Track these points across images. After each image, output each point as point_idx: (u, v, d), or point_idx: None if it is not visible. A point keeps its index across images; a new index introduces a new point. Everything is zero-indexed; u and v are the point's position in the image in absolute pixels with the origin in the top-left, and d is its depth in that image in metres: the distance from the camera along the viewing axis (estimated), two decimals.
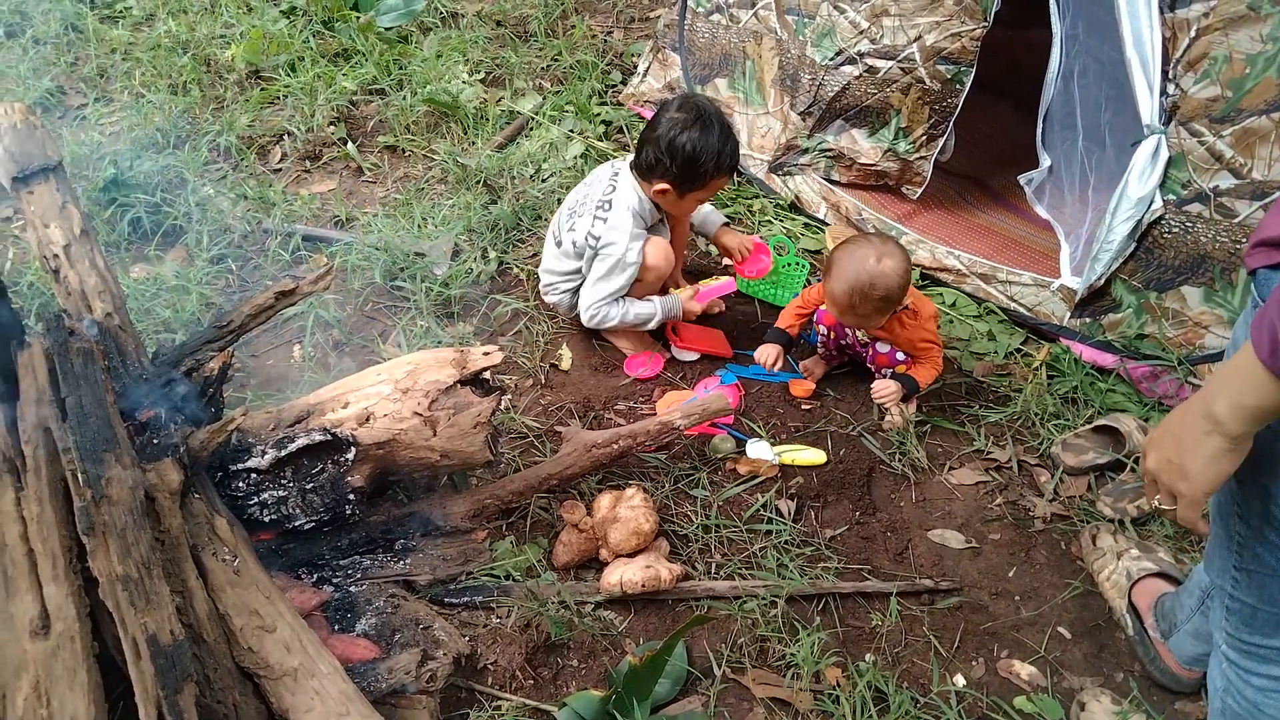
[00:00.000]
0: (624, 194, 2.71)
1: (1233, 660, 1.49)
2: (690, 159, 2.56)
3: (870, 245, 2.47)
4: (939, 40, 2.89)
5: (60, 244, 2.20)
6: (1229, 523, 1.38)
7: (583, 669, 2.07)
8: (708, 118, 2.58)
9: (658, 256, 2.71)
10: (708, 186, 2.66)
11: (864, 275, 2.42)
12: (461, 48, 4.17)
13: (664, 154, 2.56)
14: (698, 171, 2.59)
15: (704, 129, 2.56)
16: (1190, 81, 2.37)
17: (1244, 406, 1.15)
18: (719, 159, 2.58)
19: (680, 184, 2.62)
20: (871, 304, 2.46)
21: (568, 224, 2.80)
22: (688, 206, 2.77)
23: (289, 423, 2.09)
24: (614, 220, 2.68)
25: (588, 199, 2.78)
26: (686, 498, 2.45)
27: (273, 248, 3.15)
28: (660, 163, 2.59)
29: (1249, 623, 1.43)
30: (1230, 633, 1.47)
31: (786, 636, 2.12)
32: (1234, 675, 1.49)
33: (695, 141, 2.54)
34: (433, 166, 3.60)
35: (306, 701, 1.58)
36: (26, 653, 1.44)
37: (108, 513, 1.57)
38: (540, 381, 2.78)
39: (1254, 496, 1.31)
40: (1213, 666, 1.56)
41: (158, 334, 2.80)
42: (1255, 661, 1.45)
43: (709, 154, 2.56)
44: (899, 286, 2.44)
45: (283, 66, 4.03)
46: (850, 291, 2.45)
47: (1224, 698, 1.52)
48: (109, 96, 3.92)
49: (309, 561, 2.13)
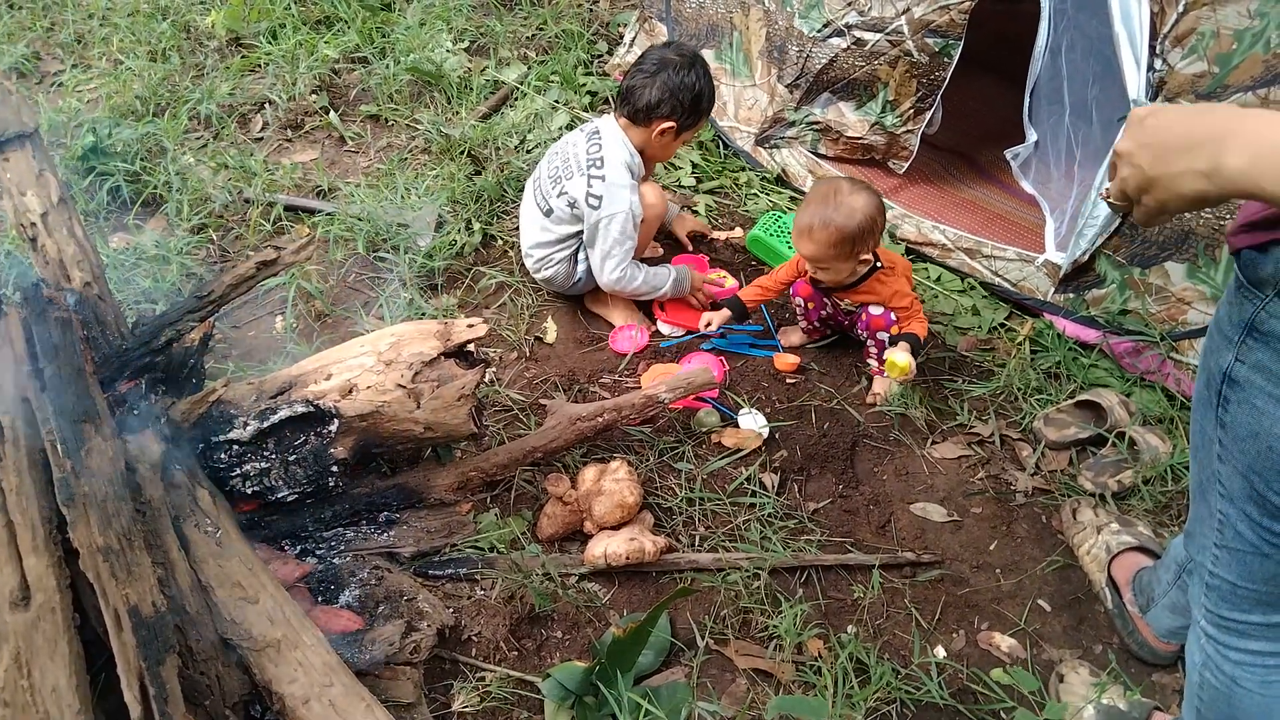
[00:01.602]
0: (613, 149, 2.72)
1: (1211, 635, 1.50)
2: (697, 97, 2.68)
3: (847, 182, 2.50)
4: (927, 13, 2.87)
5: (37, 212, 2.17)
6: (1210, 499, 1.39)
7: (567, 640, 2.08)
8: (699, 59, 2.74)
9: (653, 196, 2.80)
10: (700, 123, 2.78)
11: (827, 204, 2.43)
12: (445, 16, 4.12)
13: (672, 93, 2.66)
14: (700, 109, 2.72)
15: (704, 69, 2.72)
16: (1177, 57, 2.36)
17: (1255, 180, 0.98)
18: (712, 97, 2.75)
19: (683, 120, 2.71)
20: (828, 233, 2.42)
21: (554, 189, 2.78)
22: (671, 149, 2.83)
23: (271, 394, 2.07)
24: (612, 176, 2.69)
25: (571, 160, 2.77)
26: (671, 471, 2.45)
27: (254, 217, 3.12)
28: (664, 102, 2.66)
29: (1228, 599, 1.44)
30: (1209, 609, 1.48)
31: (769, 608, 2.13)
32: (1212, 650, 1.51)
33: (701, 79, 2.69)
34: (416, 136, 3.57)
35: (290, 673, 1.58)
36: (7, 624, 1.43)
37: (88, 484, 1.55)
38: (525, 354, 2.77)
39: (1236, 474, 1.32)
40: (1191, 642, 1.58)
41: (138, 304, 2.77)
42: (1234, 636, 1.47)
43: (708, 91, 2.72)
44: (860, 225, 2.42)
45: (264, 33, 3.97)
46: (811, 216, 2.44)
47: (1202, 672, 1.54)
48: (87, 63, 3.86)
49: (292, 533, 2.12)
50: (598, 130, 2.78)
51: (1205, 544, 1.43)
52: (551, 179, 2.80)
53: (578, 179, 2.71)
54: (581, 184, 2.70)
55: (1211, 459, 1.35)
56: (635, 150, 2.75)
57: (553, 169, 2.81)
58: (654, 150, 2.79)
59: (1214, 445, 1.35)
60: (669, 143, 2.76)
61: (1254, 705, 1.48)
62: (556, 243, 2.81)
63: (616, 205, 2.67)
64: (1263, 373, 1.21)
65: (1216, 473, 1.36)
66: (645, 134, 2.72)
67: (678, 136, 2.74)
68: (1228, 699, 1.50)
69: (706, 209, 3.37)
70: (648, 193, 2.79)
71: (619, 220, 2.68)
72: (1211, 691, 1.53)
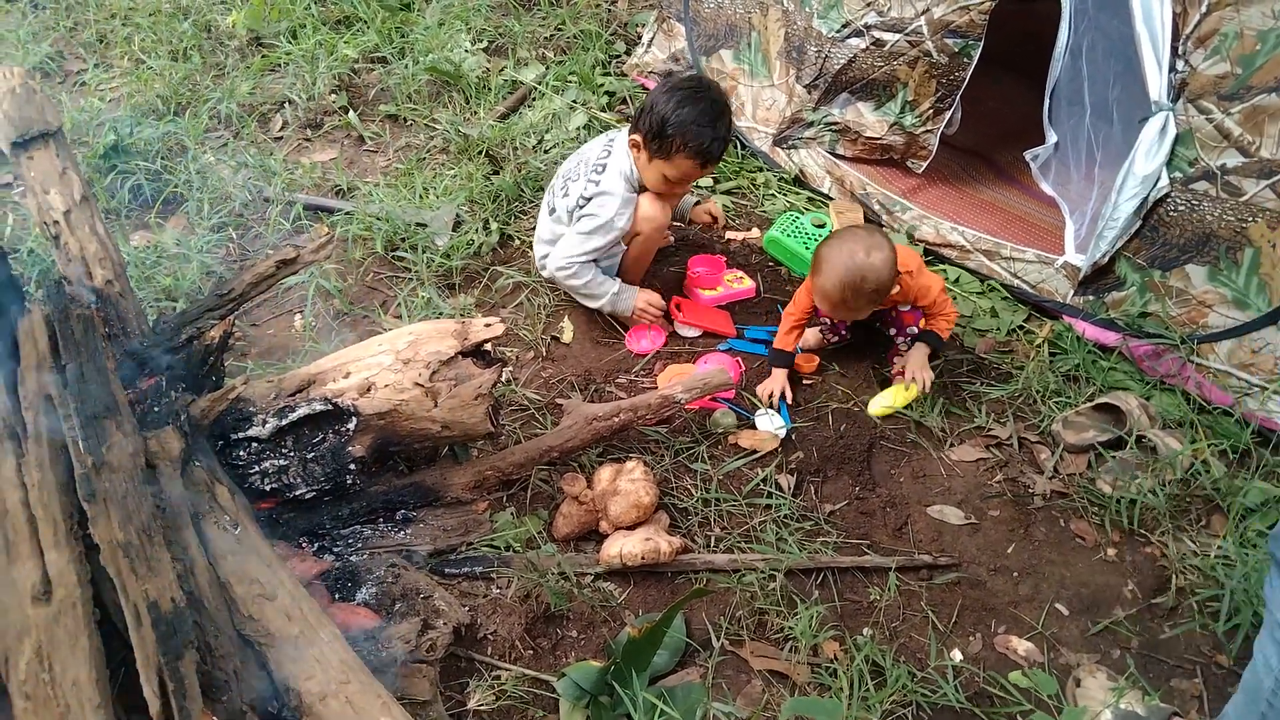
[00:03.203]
0: (617, 159, 2.70)
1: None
2: (662, 118, 2.52)
3: (856, 239, 2.46)
4: (947, 13, 2.86)
5: (60, 210, 2.19)
6: None
7: (582, 640, 2.08)
8: (702, 92, 2.56)
9: (652, 209, 2.71)
10: (672, 161, 2.58)
11: (854, 270, 2.41)
12: (464, 16, 4.13)
13: (646, 107, 2.59)
14: (666, 135, 2.53)
15: (692, 101, 2.53)
16: (1200, 58, 2.34)
17: None
18: (686, 132, 2.51)
19: (649, 142, 2.59)
20: (864, 298, 2.45)
21: (561, 191, 2.78)
22: (655, 177, 2.66)
23: (290, 392, 2.09)
24: (606, 183, 2.67)
25: (582, 164, 2.77)
26: (687, 471, 2.45)
27: (274, 216, 3.14)
28: (641, 114, 2.61)
29: None
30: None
31: (785, 610, 2.13)
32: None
33: (674, 106, 2.51)
34: (434, 136, 3.58)
35: (307, 669, 1.59)
36: (28, 618, 1.45)
37: (109, 479, 1.57)
38: (541, 354, 2.77)
39: None
40: (1266, 645, 1.51)
41: (158, 302, 2.79)
42: None
43: (680, 123, 2.51)
44: (889, 277, 2.43)
45: (284, 33, 3.99)
46: (842, 287, 2.44)
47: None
48: (109, 62, 3.89)
49: (310, 530, 2.13)
50: (613, 140, 2.78)
51: None
52: (564, 179, 2.81)
53: (580, 181, 2.72)
54: (580, 186, 2.71)
55: None
56: (631, 159, 2.70)
57: (569, 170, 2.82)
58: (639, 167, 2.68)
59: None
60: (645, 164, 2.64)
61: None
62: (555, 241, 2.82)
63: (599, 208, 2.66)
64: None
65: None
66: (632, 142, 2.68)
67: (650, 160, 2.61)
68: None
69: (724, 209, 3.36)
70: (645, 204, 2.70)
71: (595, 219, 2.67)
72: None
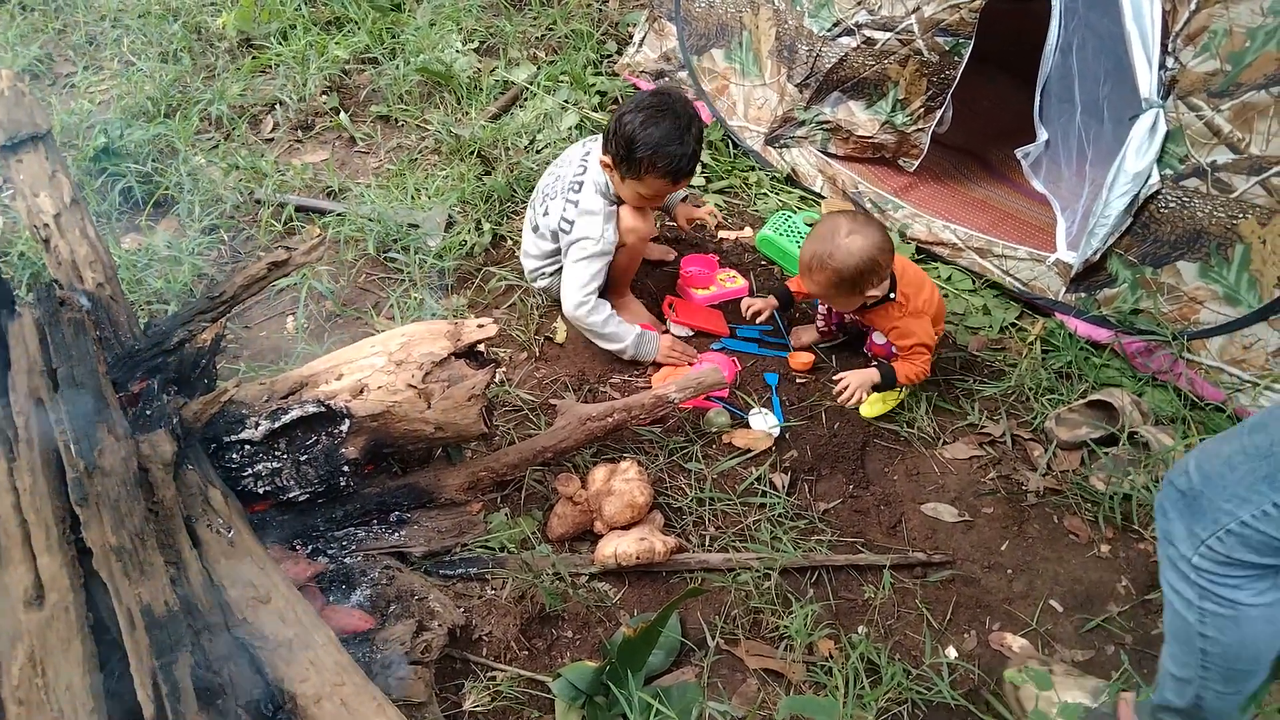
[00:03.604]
0: (593, 174, 2.68)
1: (1206, 570, 1.48)
2: (629, 140, 2.48)
3: (849, 220, 2.44)
4: (937, 12, 2.87)
5: (50, 213, 2.18)
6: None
7: (577, 640, 2.08)
8: (665, 109, 2.50)
9: (634, 220, 2.67)
10: (644, 180, 2.55)
11: (826, 243, 2.41)
12: (455, 16, 4.12)
13: (613, 129, 2.53)
14: (635, 158, 2.49)
15: (656, 120, 2.48)
16: (1189, 55, 2.35)
17: None
18: (655, 153, 2.47)
19: (619, 164, 2.55)
20: (826, 274, 2.41)
21: (541, 208, 2.77)
22: (630, 195, 2.63)
23: (283, 394, 2.08)
24: (585, 203, 2.64)
25: (559, 180, 2.75)
26: (681, 471, 2.45)
27: (265, 218, 3.13)
28: (608, 136, 2.56)
29: (1253, 546, 1.43)
30: (1220, 551, 1.46)
31: (780, 608, 2.13)
32: (1207, 581, 1.49)
33: (639, 126, 2.47)
34: (426, 137, 3.57)
35: (302, 672, 1.58)
36: (21, 623, 1.44)
37: (101, 484, 1.56)
38: (535, 354, 2.77)
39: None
40: (1176, 581, 1.54)
41: (150, 304, 2.78)
42: (1233, 567, 1.47)
43: (647, 144, 2.47)
44: (856, 267, 2.38)
45: (274, 34, 3.98)
46: (811, 255, 2.44)
47: (1202, 604, 1.51)
48: (98, 64, 3.88)
49: (303, 533, 2.13)
50: (588, 153, 2.74)
51: (1255, 495, 1.41)
52: (543, 195, 2.79)
53: (559, 200, 2.70)
54: (559, 207, 2.69)
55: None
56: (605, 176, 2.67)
57: (546, 185, 2.80)
58: (615, 187, 2.66)
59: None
60: (619, 183, 2.61)
61: (1260, 615, 1.49)
62: (543, 258, 2.82)
63: (583, 231, 2.63)
64: None
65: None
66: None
67: (623, 178, 2.58)
68: (1235, 621, 1.50)
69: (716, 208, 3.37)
70: (625, 216, 2.66)
71: (585, 247, 2.63)
72: (1217, 619, 1.52)
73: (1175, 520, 1.51)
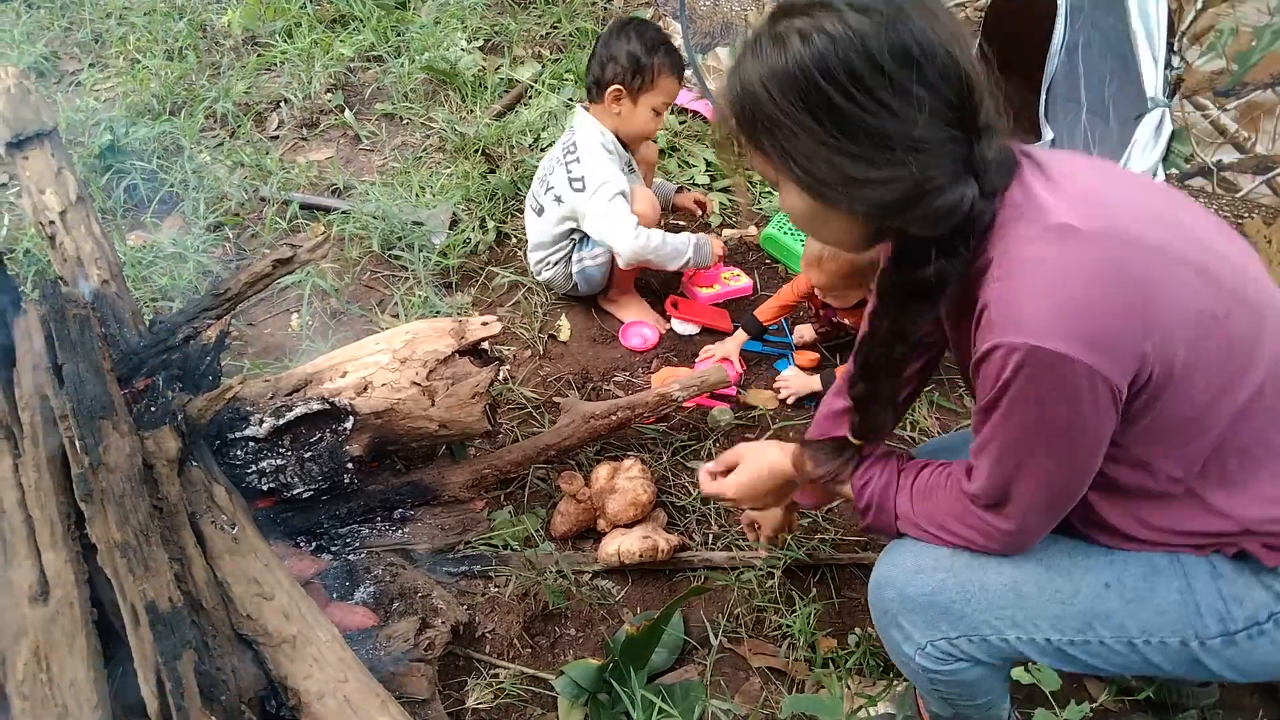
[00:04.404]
0: (585, 134, 2.73)
1: (936, 654, 1.47)
2: (634, 56, 2.64)
3: None
4: None
5: (56, 210, 2.19)
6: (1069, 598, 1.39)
7: (580, 638, 2.08)
8: (639, 21, 2.73)
9: (644, 204, 2.71)
10: (658, 86, 2.68)
11: None
12: (460, 14, 4.12)
13: (607, 60, 2.66)
14: (640, 65, 2.64)
15: (638, 31, 2.67)
16: (1195, 54, 2.35)
17: None
18: (657, 53, 2.65)
19: (630, 85, 2.66)
20: (838, 264, 2.39)
21: (544, 189, 2.80)
22: (643, 117, 2.73)
23: (287, 391, 2.08)
24: (587, 158, 2.69)
25: (554, 157, 2.81)
26: (684, 469, 2.45)
27: (270, 216, 3.14)
28: (605, 69, 2.67)
29: (996, 654, 1.44)
30: (959, 647, 1.45)
31: (783, 607, 2.13)
32: (934, 662, 1.48)
33: (633, 40, 2.64)
34: (431, 135, 3.58)
35: (305, 669, 1.59)
36: (26, 618, 1.44)
37: (105, 480, 1.57)
38: (538, 352, 2.77)
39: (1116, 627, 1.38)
40: (910, 653, 1.50)
41: (155, 301, 2.79)
42: (962, 662, 1.47)
43: (650, 48, 2.64)
44: (869, 257, 2.35)
45: (280, 32, 3.99)
46: (819, 247, 2.40)
47: (934, 676, 1.50)
48: (104, 62, 3.89)
49: (307, 530, 2.13)
50: (573, 126, 2.80)
51: (1022, 623, 1.41)
52: (541, 180, 2.82)
53: (559, 171, 2.73)
54: (562, 175, 2.72)
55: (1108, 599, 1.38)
56: (608, 130, 2.73)
57: (543, 171, 2.84)
58: (622, 125, 2.74)
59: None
60: (631, 111, 2.71)
61: (980, 670, 1.48)
62: (551, 244, 2.82)
63: (600, 177, 2.66)
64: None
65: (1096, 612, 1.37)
66: (606, 110, 2.71)
67: (635, 101, 2.69)
68: (960, 680, 1.49)
69: (720, 207, 3.37)
70: (639, 200, 2.71)
71: (607, 190, 2.65)
72: (948, 681, 1.50)
73: (911, 614, 1.48)
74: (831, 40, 1.13)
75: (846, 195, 1.21)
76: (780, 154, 1.22)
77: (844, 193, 1.20)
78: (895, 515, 1.48)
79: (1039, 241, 1.17)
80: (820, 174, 1.20)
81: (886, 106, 1.14)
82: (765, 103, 1.18)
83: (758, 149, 1.25)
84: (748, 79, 1.20)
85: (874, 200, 1.20)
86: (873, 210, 1.22)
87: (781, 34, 1.17)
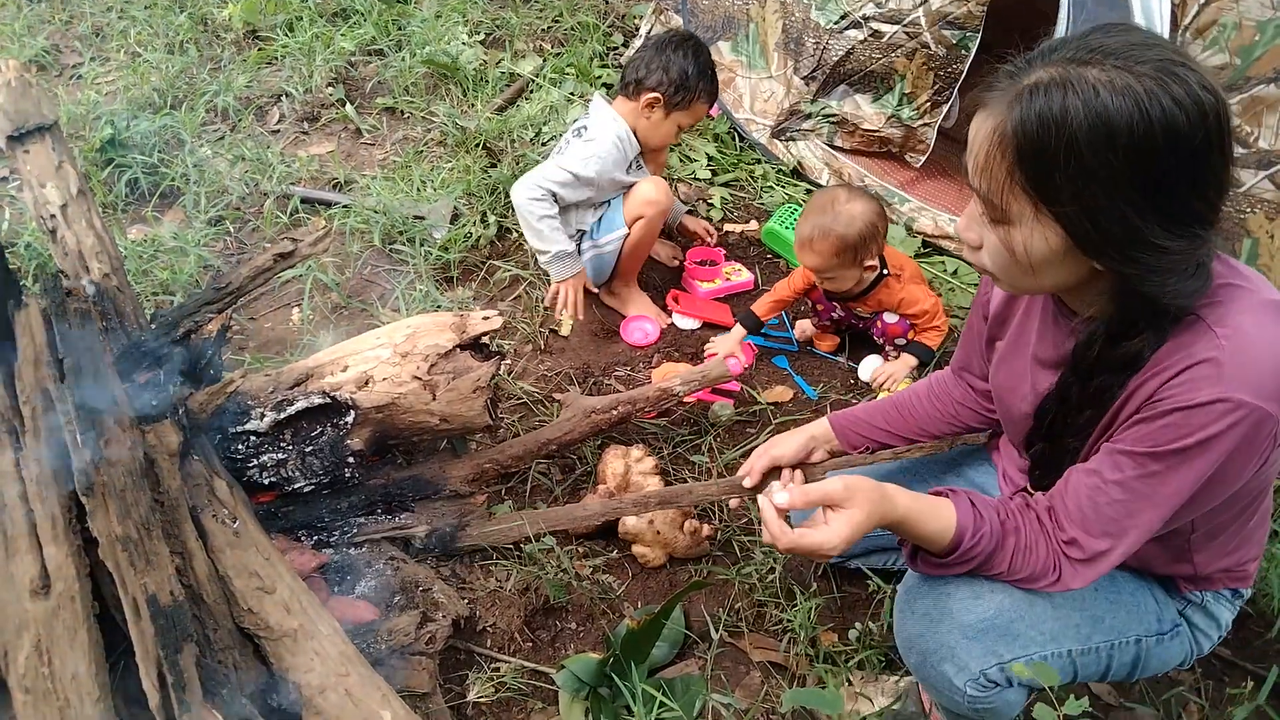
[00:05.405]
0: (599, 116, 2.74)
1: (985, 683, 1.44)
2: (683, 73, 2.66)
3: (845, 188, 2.51)
4: (945, 5, 2.86)
5: (57, 204, 2.18)
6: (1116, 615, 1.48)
7: (581, 632, 2.08)
8: (697, 42, 2.75)
9: (656, 192, 2.71)
10: (692, 108, 2.73)
11: (826, 213, 2.43)
12: (461, 8, 4.12)
13: (660, 67, 2.66)
14: (688, 87, 2.68)
15: (698, 52, 2.71)
16: (1198, 49, 2.34)
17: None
18: (703, 73, 2.70)
19: (670, 98, 2.67)
20: (830, 243, 2.42)
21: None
22: (666, 130, 2.75)
23: (288, 385, 2.08)
24: (596, 127, 2.71)
25: (562, 141, 2.81)
26: (686, 463, 2.45)
27: (271, 210, 3.13)
28: (651, 73, 2.67)
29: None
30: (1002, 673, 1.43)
31: (784, 602, 2.13)
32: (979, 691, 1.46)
33: (691, 59, 2.67)
34: (432, 129, 3.57)
35: (306, 662, 1.59)
36: (27, 612, 1.45)
37: (107, 473, 1.56)
38: (539, 347, 2.77)
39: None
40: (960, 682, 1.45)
41: (156, 295, 2.79)
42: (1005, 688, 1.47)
43: (700, 72, 2.68)
44: (860, 233, 2.42)
45: (280, 26, 3.99)
46: (811, 227, 2.45)
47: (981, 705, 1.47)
48: (105, 55, 3.88)
49: (308, 524, 2.13)
50: (586, 112, 2.81)
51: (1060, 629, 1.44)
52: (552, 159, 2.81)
53: (567, 151, 2.73)
54: (570, 148, 2.73)
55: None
56: (626, 124, 2.73)
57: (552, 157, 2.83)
58: (645, 129, 2.74)
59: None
60: (658, 122, 2.72)
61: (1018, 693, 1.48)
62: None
63: (600, 131, 2.69)
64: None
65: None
66: (634, 108, 2.71)
67: (667, 115, 2.71)
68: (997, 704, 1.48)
69: (722, 201, 3.36)
70: (650, 188, 2.71)
71: (589, 145, 2.66)
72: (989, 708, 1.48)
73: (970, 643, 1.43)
74: (1179, 106, 1.08)
75: (1123, 255, 1.16)
76: (1071, 198, 1.13)
77: (1123, 253, 1.16)
78: (989, 570, 1.40)
79: (1260, 313, 1.20)
80: (1108, 229, 1.14)
81: (1215, 185, 1.14)
82: (1085, 147, 1.09)
83: (1033, 185, 1.15)
84: (1065, 115, 1.10)
85: (1151, 266, 1.15)
86: (1140, 274, 1.17)
87: (1117, 84, 1.09)
